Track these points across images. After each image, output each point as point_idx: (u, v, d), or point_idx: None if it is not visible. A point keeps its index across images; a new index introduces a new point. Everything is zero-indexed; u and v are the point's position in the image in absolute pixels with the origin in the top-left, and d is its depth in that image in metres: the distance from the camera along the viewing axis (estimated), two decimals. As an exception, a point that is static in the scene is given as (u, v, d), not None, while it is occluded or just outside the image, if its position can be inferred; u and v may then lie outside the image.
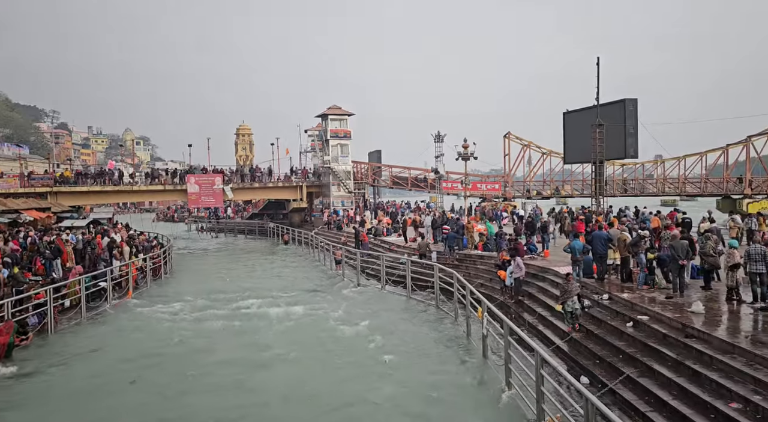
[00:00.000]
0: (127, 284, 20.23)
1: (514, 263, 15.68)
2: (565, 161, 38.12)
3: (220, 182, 41.27)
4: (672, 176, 44.07)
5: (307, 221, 45.56)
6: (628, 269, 13.89)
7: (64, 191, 37.04)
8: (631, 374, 9.38)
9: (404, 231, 27.86)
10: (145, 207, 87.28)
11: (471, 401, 9.69)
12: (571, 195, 46.34)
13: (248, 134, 74.25)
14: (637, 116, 28.80)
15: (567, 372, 8.12)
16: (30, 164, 64.89)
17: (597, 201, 27.01)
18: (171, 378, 11.20)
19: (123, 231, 29.62)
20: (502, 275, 16.32)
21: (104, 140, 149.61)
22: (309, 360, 12.16)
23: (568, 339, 11.85)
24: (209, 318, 16.20)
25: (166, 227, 58.00)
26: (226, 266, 29.33)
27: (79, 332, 15.06)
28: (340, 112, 45.39)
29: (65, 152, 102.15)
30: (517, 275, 15.55)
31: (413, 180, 46.99)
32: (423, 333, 14.39)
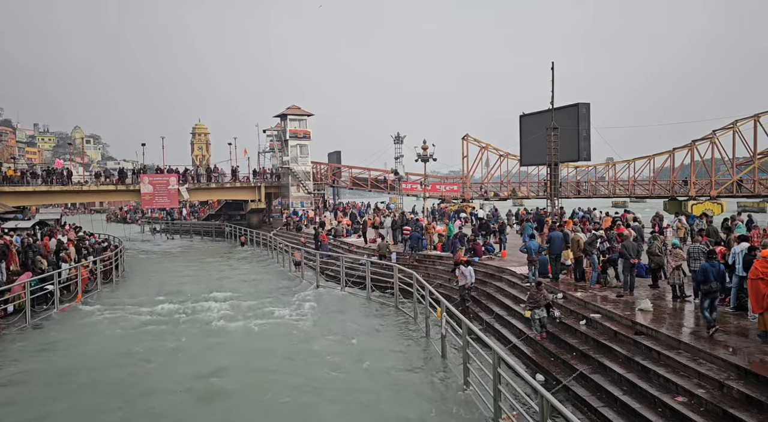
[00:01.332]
0: (76, 288, 19.46)
1: (459, 271, 15.42)
2: (522, 163, 38.97)
3: (175, 183, 40.24)
4: (622, 179, 45.70)
5: (266, 222, 44.97)
6: (581, 269, 14.29)
7: (7, 190, 35.31)
8: (584, 371, 9.65)
9: (364, 232, 27.87)
10: (96, 208, 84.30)
11: (430, 400, 9.76)
12: (527, 196, 47.42)
13: (205, 134, 72.72)
14: (590, 119, 29.71)
15: (523, 370, 8.28)
16: (-30, 163, 61.62)
17: (552, 202, 27.69)
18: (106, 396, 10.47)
19: (71, 232, 28.50)
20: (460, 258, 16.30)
21: (52, 137, 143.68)
22: (262, 369, 11.86)
23: (524, 337, 12.09)
24: (161, 322, 15.75)
25: (118, 228, 56.13)
26: (181, 269, 28.60)
27: (23, 338, 14.36)
28: (299, 112, 45.02)
29: (8, 149, 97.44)
30: (462, 283, 15.30)
31: (373, 181, 47.06)
32: (382, 333, 14.41)
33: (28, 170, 41.70)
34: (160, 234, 52.83)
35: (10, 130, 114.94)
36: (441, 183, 46.10)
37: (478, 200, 45.88)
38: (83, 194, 40.31)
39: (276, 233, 35.11)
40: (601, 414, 8.45)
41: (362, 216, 35.92)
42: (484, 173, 48.10)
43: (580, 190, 46.07)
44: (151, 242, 46.93)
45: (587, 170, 46.64)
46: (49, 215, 39.10)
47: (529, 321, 12.47)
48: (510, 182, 47.65)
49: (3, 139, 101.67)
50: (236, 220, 46.46)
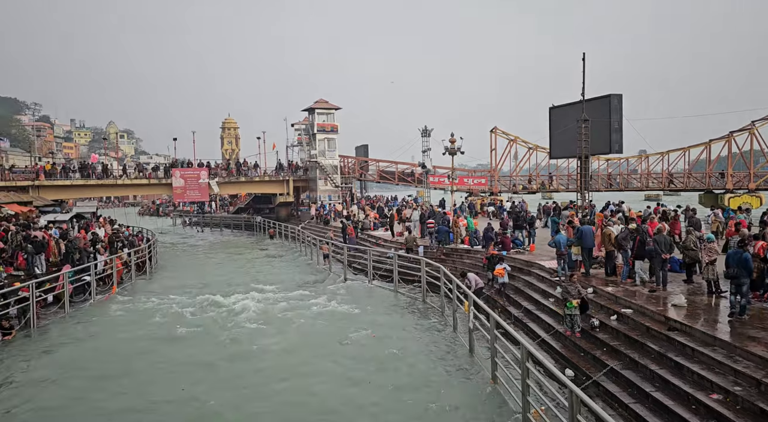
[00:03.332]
0: (112, 280, 20.03)
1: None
2: (551, 156, 38.38)
3: (205, 176, 40.95)
4: (656, 171, 44.64)
5: (294, 215, 45.42)
6: (613, 263, 14.05)
7: (46, 184, 36.50)
8: (615, 366, 9.51)
9: (391, 226, 27.90)
10: (129, 201, 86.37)
11: (458, 394, 9.75)
12: (556, 190, 46.74)
13: (234, 128, 73.60)
14: (622, 111, 29.03)
15: (552, 365, 8.20)
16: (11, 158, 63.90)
17: (582, 196, 27.23)
18: (150, 377, 11.06)
19: (107, 225, 29.28)
20: (500, 273, 15.58)
21: (87, 133, 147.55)
22: (294, 357, 12.07)
23: (553, 332, 11.97)
24: (194, 314, 16.08)
25: (150, 221, 57.45)
26: (212, 261, 29.15)
27: (62, 327, 14.88)
28: (327, 106, 45.20)
29: (47, 145, 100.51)
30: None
31: (400, 174, 47.02)
32: (410, 327, 14.44)
33: (65, 164, 43.00)
34: (192, 227, 53.84)
35: (49, 125, 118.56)
36: (469, 176, 45.74)
37: (506, 193, 45.42)
38: (118, 187, 41.40)
39: (304, 227, 35.44)
40: (632, 410, 8.32)
41: (391, 209, 35.95)
42: (513, 166, 47.59)
43: (611, 183, 45.18)
44: (183, 234, 47.86)
45: (619, 163, 45.69)
46: (85, 209, 40.26)
47: (559, 315, 12.36)
48: (539, 175, 47.02)
49: (42, 134, 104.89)
50: (265, 213, 47.04)
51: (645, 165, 45.55)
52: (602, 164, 45.92)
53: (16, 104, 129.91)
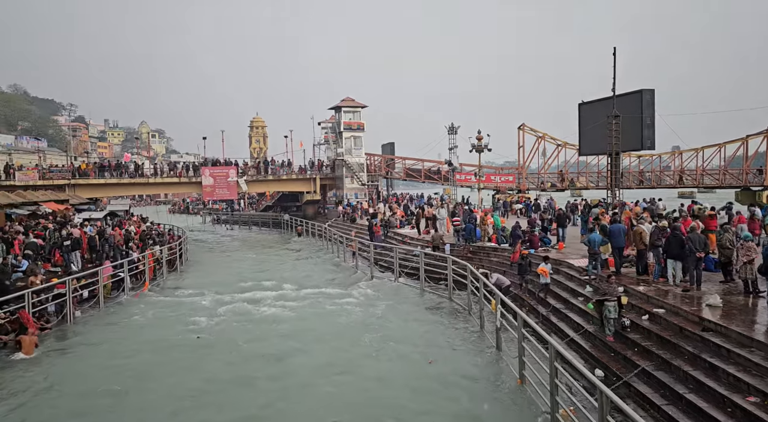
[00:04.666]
0: (144, 276, 20.50)
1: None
2: (580, 153, 37.76)
3: (234, 175, 41.56)
4: (690, 168, 43.49)
5: (321, 213, 45.73)
6: (644, 262, 13.76)
7: (81, 183, 37.59)
8: (647, 367, 9.32)
9: (417, 223, 27.85)
10: (161, 199, 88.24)
11: (485, 393, 9.69)
12: (586, 187, 45.96)
13: (262, 127, 74.49)
14: (654, 106, 28.39)
15: (581, 365, 8.08)
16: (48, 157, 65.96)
17: (612, 193, 26.73)
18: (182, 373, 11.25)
19: (139, 223, 29.98)
20: (543, 272, 14.79)
21: (120, 132, 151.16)
22: (323, 355, 12.11)
23: (582, 331, 11.78)
24: (223, 311, 16.28)
25: (181, 219, 58.59)
26: (241, 258, 29.57)
27: (97, 322, 15.30)
28: (353, 104, 45.33)
29: (82, 144, 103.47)
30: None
31: (427, 172, 46.87)
32: (436, 325, 14.40)
33: (100, 163, 44.19)
34: (221, 225, 54.70)
35: (84, 126, 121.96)
36: (496, 174, 45.33)
37: (534, 190, 44.86)
38: (149, 186, 42.34)
39: (331, 225, 35.65)
40: (664, 412, 8.14)
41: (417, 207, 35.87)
42: (541, 164, 46.96)
43: (642, 180, 44.20)
44: (213, 232, 48.66)
45: (651, 160, 44.66)
46: (118, 207, 41.33)
47: (589, 314, 12.16)
48: (568, 172, 46.30)
49: (77, 134, 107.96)
50: (292, 211, 47.49)
51: (678, 162, 44.42)
52: (633, 161, 44.95)
53: (53, 105, 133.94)
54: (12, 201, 26.11)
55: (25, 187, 33.64)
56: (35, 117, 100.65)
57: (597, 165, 45.13)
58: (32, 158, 62.11)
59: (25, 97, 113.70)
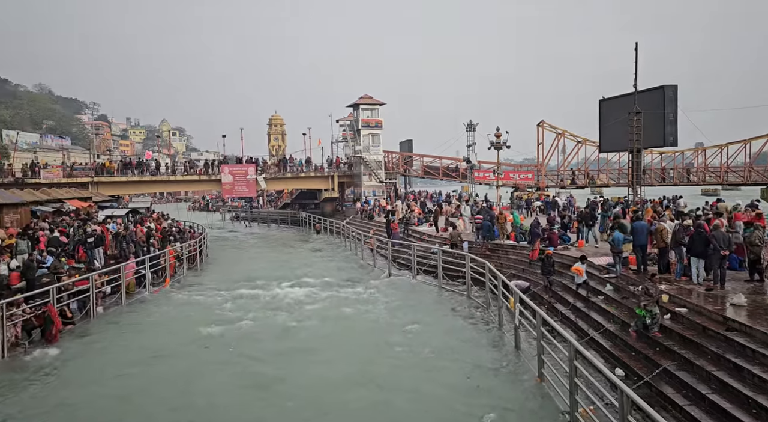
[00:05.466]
0: (165, 273, 20.78)
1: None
2: (601, 150, 37.29)
3: (253, 172, 41.88)
4: (714, 165, 42.69)
5: (339, 210, 45.87)
6: (666, 261, 13.54)
7: (104, 180, 38.23)
8: (669, 367, 9.18)
9: (436, 221, 27.79)
10: (181, 197, 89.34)
11: (504, 392, 9.64)
12: (606, 184, 45.39)
13: (281, 124, 74.87)
14: (677, 102, 27.90)
15: (602, 364, 7.99)
16: (72, 155, 67.21)
17: (634, 191, 26.35)
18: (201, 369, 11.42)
19: (160, 220, 30.40)
20: (578, 271, 14.23)
21: (141, 131, 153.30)
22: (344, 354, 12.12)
23: (603, 330, 11.65)
24: (242, 307, 16.46)
25: (201, 216, 59.22)
26: (260, 255, 29.81)
27: (119, 318, 15.57)
28: (371, 101, 45.35)
29: (105, 143, 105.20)
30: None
31: (445, 169, 46.72)
32: (454, 323, 14.36)
33: (123, 161, 44.89)
34: (240, 222, 55.18)
35: (106, 124, 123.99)
36: (515, 171, 45.00)
37: (553, 188, 44.43)
38: (170, 183, 42.89)
39: (349, 222, 35.74)
40: (686, 412, 8.02)
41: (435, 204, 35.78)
42: (561, 161, 46.48)
43: (665, 177, 43.49)
44: (232, 229, 49.11)
45: (674, 156, 43.91)
46: (140, 204, 41.99)
47: (608, 313, 12.02)
48: (588, 169, 45.75)
49: (100, 133, 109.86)
50: (310, 209, 47.71)
51: (702, 158, 43.61)
52: (655, 158, 44.26)
53: (76, 104, 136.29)
54: (37, 198, 26.68)
55: (50, 184, 34.32)
56: (59, 116, 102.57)
57: (618, 162, 44.55)
58: (56, 156, 63.35)
59: (50, 96, 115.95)
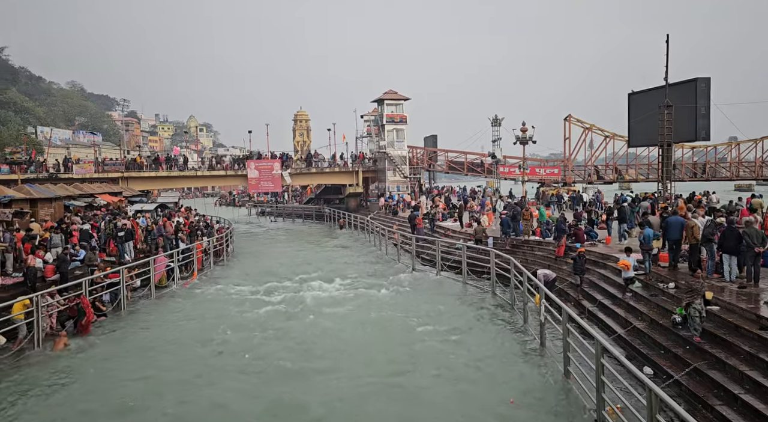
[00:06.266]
0: (192, 266, 21.15)
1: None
2: (630, 145, 36.53)
3: (278, 168, 42.27)
4: (748, 159, 41.48)
5: (363, 205, 45.98)
6: (697, 257, 13.22)
7: (134, 176, 39.04)
8: (699, 366, 8.98)
9: (460, 216, 27.65)
10: (208, 192, 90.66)
11: (530, 389, 9.55)
12: (635, 180, 44.52)
13: (305, 120, 75.38)
14: (710, 95, 27.15)
15: (629, 362, 7.86)
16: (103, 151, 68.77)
17: (664, 186, 25.77)
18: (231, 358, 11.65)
19: (188, 214, 30.93)
20: (625, 265, 13.62)
21: (170, 127, 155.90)
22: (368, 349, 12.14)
23: (631, 327, 11.45)
24: (268, 301, 16.66)
25: (227, 211, 60.02)
26: (284, 250, 30.10)
27: (149, 310, 15.92)
28: (396, 97, 45.26)
29: (134, 138, 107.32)
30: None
31: (469, 165, 46.42)
32: (479, 319, 14.29)
33: (153, 156, 45.78)
34: (266, 217, 55.77)
35: (136, 120, 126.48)
36: (540, 166, 44.44)
37: (580, 183, 43.77)
38: (197, 178, 43.57)
39: (373, 217, 35.81)
40: (718, 412, 7.84)
41: (460, 200, 35.62)
42: (588, 155, 45.73)
43: (696, 172, 42.44)
44: (258, 224, 49.70)
45: (706, 151, 42.80)
46: (168, 199, 42.74)
47: (636, 310, 11.80)
48: (616, 164, 44.93)
49: (130, 129, 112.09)
50: (335, 204, 47.93)
51: (735, 153, 42.43)
52: (686, 152, 43.22)
53: (108, 101, 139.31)
54: (70, 193, 27.40)
55: (82, 180, 35.21)
56: (91, 112, 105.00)
57: (648, 157, 43.62)
58: (88, 152, 64.90)
59: (82, 93, 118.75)
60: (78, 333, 13.13)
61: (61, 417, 8.96)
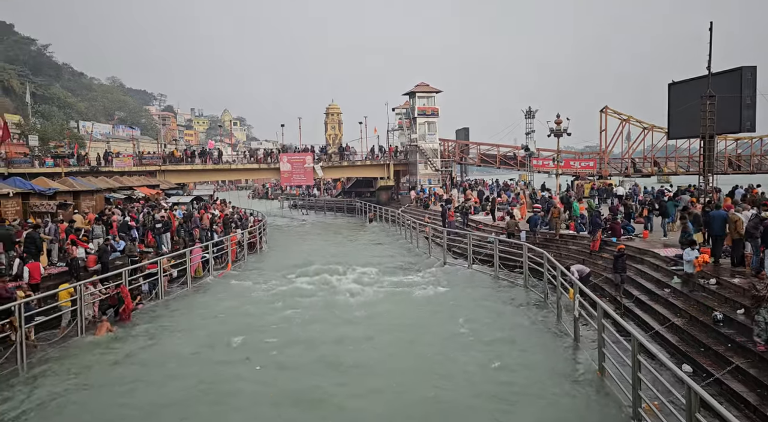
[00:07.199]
0: (227, 257, 21.56)
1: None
2: (669, 137, 35.42)
3: (310, 161, 42.61)
4: (796, 152, 39.78)
5: (394, 199, 45.98)
6: (740, 253, 12.78)
7: (170, 169, 39.96)
8: (741, 364, 8.70)
9: (492, 210, 27.38)
10: (242, 185, 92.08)
11: (563, 385, 9.43)
12: (675, 172, 43.21)
13: (337, 113, 75.56)
14: (756, 84, 26.08)
15: (667, 359, 7.67)
16: (141, 144, 70.54)
17: (705, 179, 24.94)
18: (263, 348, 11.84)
19: (223, 207, 31.50)
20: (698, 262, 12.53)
21: (205, 121, 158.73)
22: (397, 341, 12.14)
23: (669, 324, 11.16)
24: (302, 293, 16.83)
25: (260, 204, 60.91)
26: (316, 242, 30.40)
27: (185, 299, 16.32)
28: (427, 89, 45.00)
29: (171, 132, 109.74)
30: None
31: (502, 158, 45.87)
32: (511, 313, 14.16)
33: (190, 149, 46.79)
34: (298, 210, 56.38)
35: (172, 115, 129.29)
36: (575, 159, 43.59)
37: (617, 176, 42.74)
38: (231, 172, 44.36)
39: (404, 210, 35.79)
40: (760, 412, 7.59)
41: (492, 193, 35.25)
42: (625, 148, 44.60)
43: (740, 164, 40.91)
44: (290, 216, 50.27)
45: (751, 142, 41.21)
46: (203, 191, 43.67)
47: (675, 307, 11.50)
48: (654, 157, 43.69)
49: (166, 123, 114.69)
50: (366, 197, 48.06)
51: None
52: (730, 144, 41.68)
53: (146, 96, 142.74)
54: (110, 186, 28.26)
55: (122, 173, 36.25)
56: (130, 107, 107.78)
57: (688, 149, 42.26)
58: (127, 146, 66.70)
59: (121, 88, 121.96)
60: (120, 321, 13.57)
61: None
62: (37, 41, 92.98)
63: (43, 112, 66.41)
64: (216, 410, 8.92)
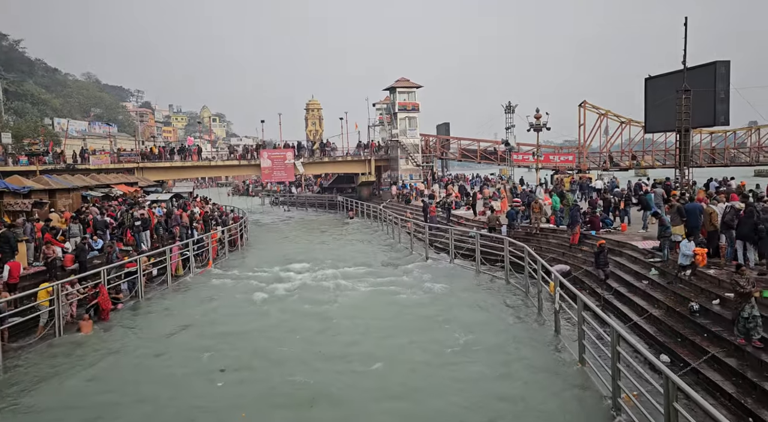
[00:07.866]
0: (208, 255, 21.35)
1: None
2: (646, 131, 36.03)
3: (291, 157, 42.37)
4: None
5: (376, 194, 45.98)
6: (716, 244, 13.04)
7: (149, 166, 39.41)
8: (717, 354, 8.90)
9: (474, 205, 27.54)
10: (222, 182, 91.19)
11: (545, 377, 9.55)
12: (652, 166, 43.96)
13: (318, 109, 75.17)
14: (729, 79, 26.60)
15: (645, 350, 7.81)
16: (118, 141, 69.44)
17: (681, 172, 25.40)
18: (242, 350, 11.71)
19: (203, 204, 31.15)
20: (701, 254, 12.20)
21: (184, 117, 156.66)
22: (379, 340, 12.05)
23: (647, 315, 11.37)
24: (281, 291, 16.65)
25: (241, 200, 60.40)
26: (297, 239, 30.27)
27: (165, 299, 16.11)
28: (408, 84, 44.99)
29: (149, 129, 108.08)
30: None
31: (482, 152, 46.14)
32: (493, 307, 14.27)
33: (169, 146, 46.14)
34: (279, 206, 56.05)
35: (150, 111, 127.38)
36: (555, 153, 44.04)
37: (595, 170, 43.33)
38: (211, 168, 43.90)
39: (386, 206, 35.80)
40: (736, 400, 7.77)
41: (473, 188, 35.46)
42: (603, 142, 45.21)
43: (715, 158, 41.78)
44: (271, 213, 49.94)
45: (725, 136, 42.09)
46: (183, 189, 43.10)
47: (654, 298, 11.70)
48: (632, 150, 44.37)
49: (144, 119, 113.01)
50: (347, 193, 47.97)
51: (755, 137, 41.68)
52: (705, 138, 42.53)
53: (122, 92, 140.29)
54: (87, 184, 27.73)
55: (99, 170, 35.63)
56: (106, 103, 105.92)
57: (665, 143, 43.03)
58: (104, 143, 65.55)
59: (97, 84, 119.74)
60: (99, 320, 13.37)
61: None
62: (8, 36, 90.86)
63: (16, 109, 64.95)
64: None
